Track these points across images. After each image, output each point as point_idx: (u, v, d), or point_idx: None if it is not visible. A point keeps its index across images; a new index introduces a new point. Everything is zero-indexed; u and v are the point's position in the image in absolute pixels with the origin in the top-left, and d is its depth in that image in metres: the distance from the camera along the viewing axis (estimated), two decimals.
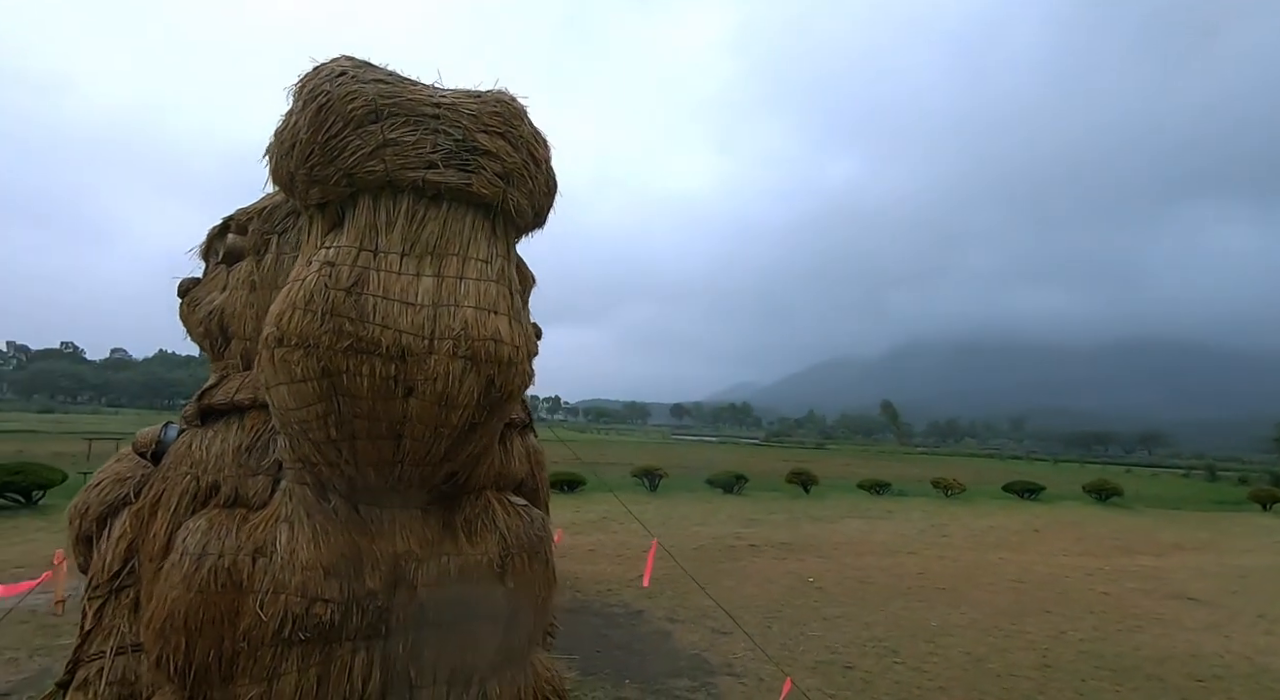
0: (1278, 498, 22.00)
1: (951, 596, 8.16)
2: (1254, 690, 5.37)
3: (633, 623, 6.52)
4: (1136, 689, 5.30)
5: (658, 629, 6.34)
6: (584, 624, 6.38)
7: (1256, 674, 5.75)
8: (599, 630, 6.20)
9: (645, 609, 6.99)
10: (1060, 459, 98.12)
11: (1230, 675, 5.69)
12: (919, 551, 11.26)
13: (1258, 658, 6.21)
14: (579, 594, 7.47)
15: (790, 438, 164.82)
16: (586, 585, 7.87)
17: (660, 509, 14.98)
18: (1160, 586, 9.27)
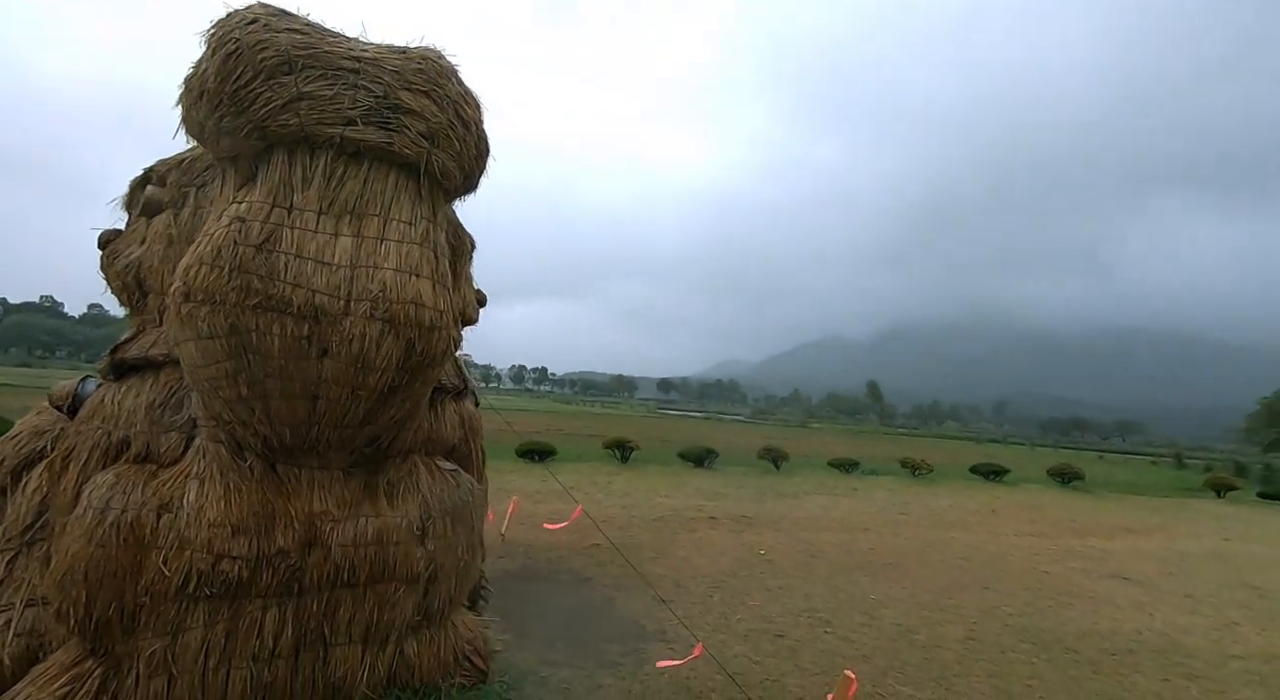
0: (1233, 486, 22.62)
1: (896, 572, 8.37)
2: (1160, 664, 5.60)
3: (578, 589, 6.64)
4: (1050, 660, 5.51)
5: (602, 596, 6.47)
6: (529, 589, 6.49)
7: (1168, 649, 5.99)
8: (542, 595, 6.32)
9: (594, 577, 7.11)
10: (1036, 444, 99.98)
11: (1143, 650, 5.92)
12: (875, 528, 11.50)
13: (1173, 635, 6.45)
14: (530, 559, 7.59)
15: (774, 416, 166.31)
16: (539, 551, 7.98)
17: (629, 480, 15.14)
18: (1100, 567, 9.56)
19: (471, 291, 5.06)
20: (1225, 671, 5.57)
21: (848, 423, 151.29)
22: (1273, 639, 6.61)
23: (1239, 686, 5.26)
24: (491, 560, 7.25)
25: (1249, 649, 6.23)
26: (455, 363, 4.83)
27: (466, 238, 4.83)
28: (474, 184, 4.20)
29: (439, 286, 3.71)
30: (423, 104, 3.51)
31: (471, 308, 4.94)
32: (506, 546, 8.04)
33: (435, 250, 3.79)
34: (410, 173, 3.65)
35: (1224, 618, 7.26)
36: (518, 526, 9.21)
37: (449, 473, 4.19)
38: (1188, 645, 6.20)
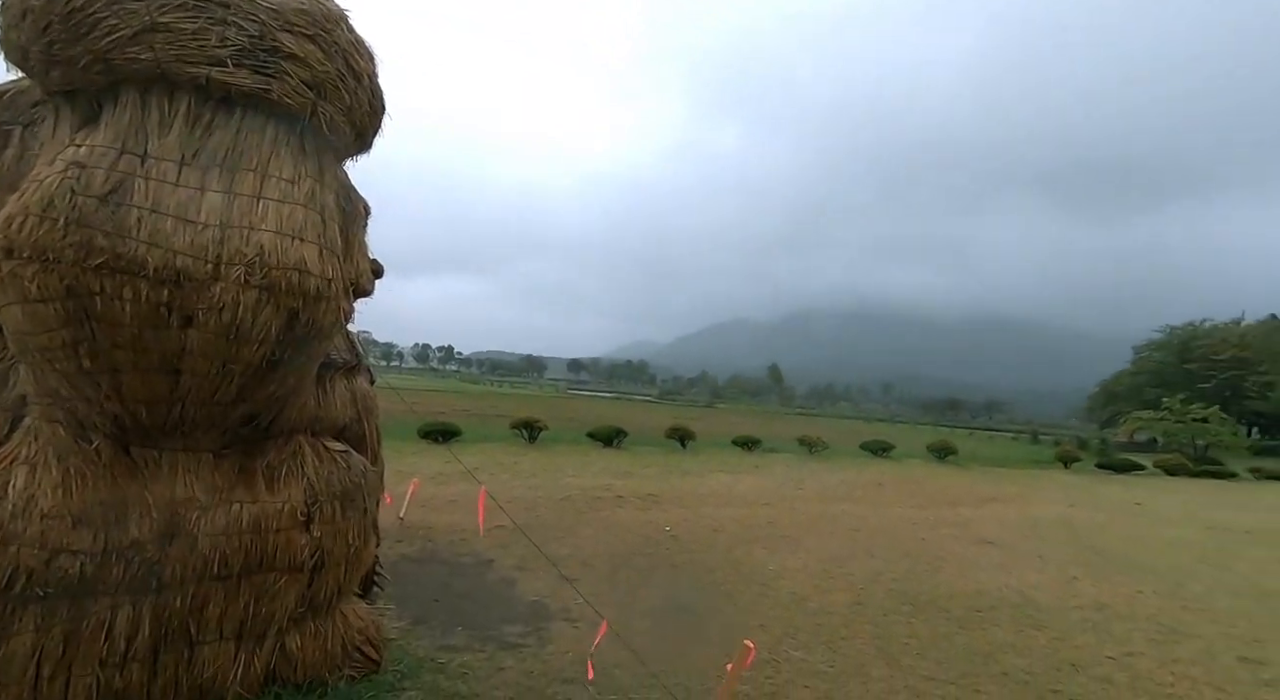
0: (1077, 458, 25.65)
1: (793, 543, 8.80)
2: (1015, 617, 6.25)
3: (479, 571, 6.48)
4: (926, 620, 5.99)
5: (503, 577, 6.35)
6: (428, 573, 6.26)
7: (1022, 604, 6.70)
8: (442, 579, 6.11)
9: (496, 558, 6.96)
10: (918, 422, 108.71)
11: (1002, 606, 6.58)
12: (774, 503, 12.05)
13: (1026, 591, 7.22)
14: (430, 543, 7.32)
15: (682, 396, 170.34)
16: (440, 535, 7.72)
17: (536, 461, 14.97)
18: (968, 533, 10.53)
19: (366, 261, 4.71)
20: (1067, 621, 6.29)
21: (751, 403, 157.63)
22: (1104, 590, 7.54)
23: (1077, 633, 5.96)
24: (388, 545, 6.94)
25: (1085, 600, 7.07)
26: (346, 336, 4.50)
27: (360, 202, 4.47)
28: (367, 143, 3.88)
29: (326, 253, 3.41)
30: (307, 49, 3.17)
31: (365, 278, 4.60)
32: (405, 530, 7.71)
33: (322, 213, 3.48)
34: (292, 126, 3.31)
35: (1067, 574, 8.20)
36: (418, 509, 8.86)
37: (339, 454, 3.91)
38: (1038, 599, 6.95)
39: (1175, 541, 11.32)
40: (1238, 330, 64.66)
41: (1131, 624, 6.35)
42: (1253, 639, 6.20)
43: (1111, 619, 6.47)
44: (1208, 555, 10.25)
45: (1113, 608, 6.86)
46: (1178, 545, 10.95)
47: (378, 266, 5.00)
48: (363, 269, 4.60)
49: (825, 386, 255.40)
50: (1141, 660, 5.40)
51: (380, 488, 4.59)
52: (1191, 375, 58.35)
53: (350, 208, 4.21)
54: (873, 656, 5.06)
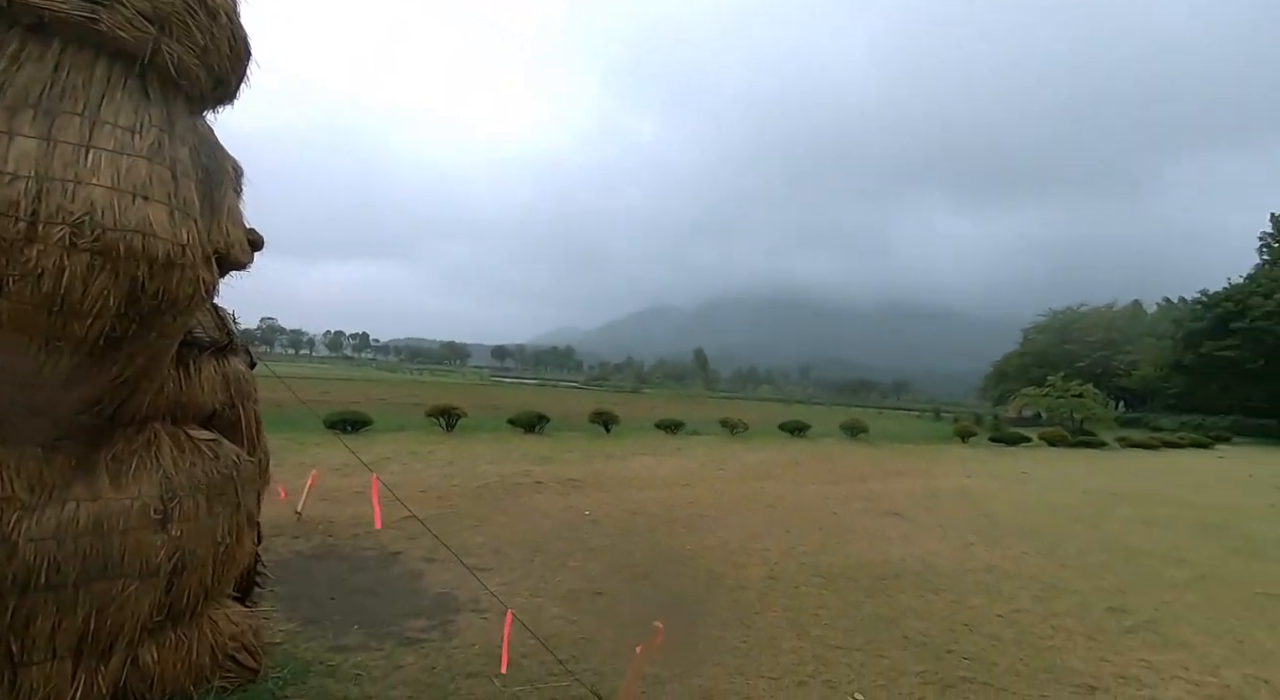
0: (973, 433, 27.61)
1: (712, 523, 8.90)
2: (917, 583, 6.56)
3: (383, 565, 6.11)
4: (836, 591, 6.18)
5: (410, 570, 6.02)
6: (325, 570, 5.84)
7: (923, 571, 7.05)
8: (340, 575, 5.72)
9: (403, 550, 6.61)
10: (833, 403, 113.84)
11: (905, 574, 6.90)
12: (694, 484, 12.18)
13: (928, 558, 7.61)
14: (330, 538, 6.85)
15: (608, 382, 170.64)
16: (342, 528, 7.25)
17: (454, 449, 14.45)
18: (877, 506, 11.03)
19: (239, 229, 4.23)
20: (963, 584, 6.66)
21: (676, 388, 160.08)
22: (996, 554, 8.07)
23: (971, 594, 6.32)
24: (282, 542, 6.46)
25: (979, 564, 7.53)
26: (216, 313, 4.04)
27: (229, 162, 4.00)
28: (229, 92, 3.44)
29: (179, 214, 2.99)
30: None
31: (239, 248, 4.13)
32: (303, 525, 7.19)
33: (173, 168, 3.04)
34: (130, 65, 2.86)
35: (963, 541, 8.73)
36: (320, 503, 8.33)
37: (205, 443, 3.49)
38: (938, 565, 7.34)
39: (1056, 506, 12.32)
40: (1108, 314, 71.63)
41: (1018, 583, 6.81)
42: (1118, 590, 6.79)
43: (1001, 579, 6.92)
44: (1082, 517, 11.21)
45: (1002, 569, 7.34)
46: (1058, 509, 11.92)
47: (255, 236, 4.51)
48: (235, 238, 4.13)
49: (748, 370, 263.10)
50: (1026, 616, 5.79)
51: (262, 480, 4.18)
52: (1070, 355, 64.17)
53: (214, 165, 3.75)
54: (784, 629, 5.15)
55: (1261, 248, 53.69)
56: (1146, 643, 5.31)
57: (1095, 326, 67.62)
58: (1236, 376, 43.10)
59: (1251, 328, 41.41)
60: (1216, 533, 10.56)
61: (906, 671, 4.45)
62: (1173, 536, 10.02)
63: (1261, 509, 13.69)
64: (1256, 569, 8.18)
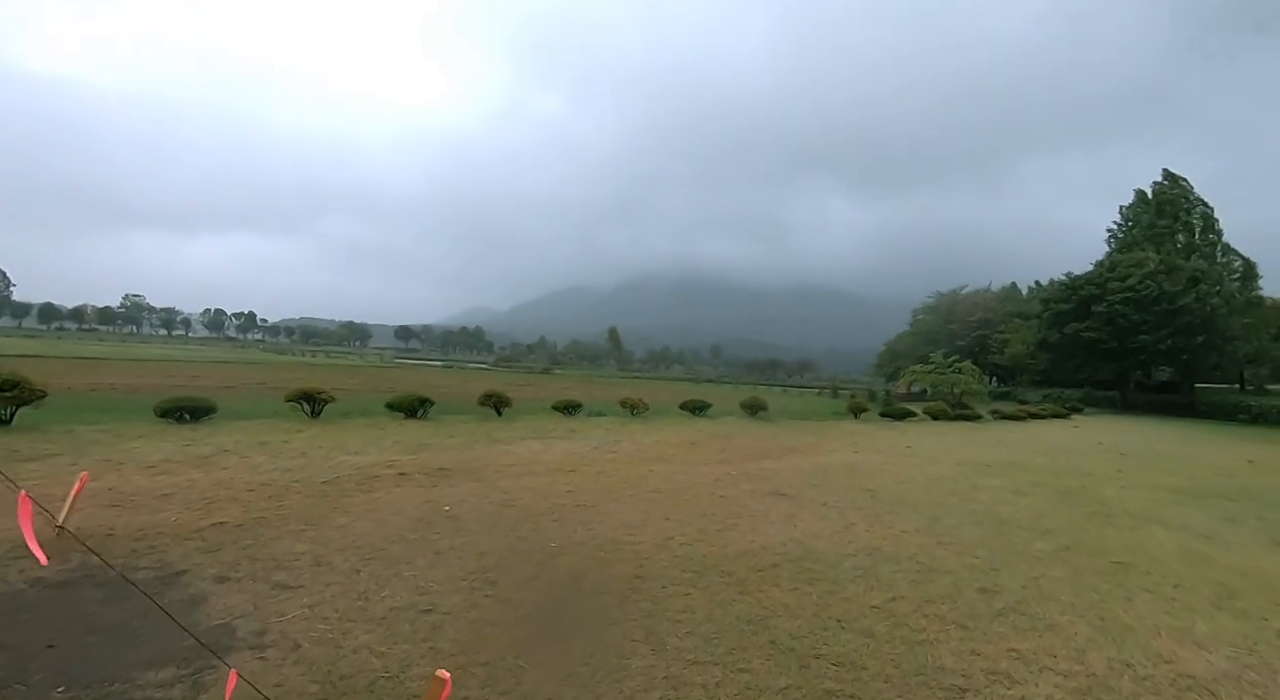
0: (865, 408, 28.66)
1: (587, 513, 8.16)
2: (794, 573, 6.12)
3: (156, 590, 4.88)
4: (706, 587, 5.60)
5: (190, 594, 4.84)
6: (65, 603, 4.56)
7: (803, 557, 6.65)
8: (85, 610, 4.46)
9: (192, 568, 5.38)
10: (742, 382, 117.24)
11: (784, 562, 6.46)
12: (579, 469, 11.42)
13: (808, 541, 7.26)
14: (94, 558, 5.48)
15: (519, 363, 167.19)
16: (119, 543, 5.88)
17: (314, 437, 12.89)
18: (765, 486, 10.74)
19: None
20: (840, 571, 6.30)
21: (589, 368, 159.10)
22: (876, 533, 7.86)
23: (848, 583, 5.95)
24: (22, 565, 5.07)
25: (859, 545, 7.26)
26: None
27: None
28: None
29: None
30: None
31: None
32: (62, 542, 5.75)
33: None
34: None
35: (845, 520, 8.51)
36: (108, 510, 6.88)
37: None
38: (817, 550, 6.98)
39: (935, 478, 12.60)
40: (987, 296, 77.48)
41: (895, 566, 6.54)
42: (990, 568, 6.68)
43: (880, 563, 6.63)
44: (959, 489, 11.46)
45: (881, 551, 7.09)
46: (936, 482, 12.17)
47: None
48: None
49: (660, 350, 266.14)
50: (901, 605, 5.45)
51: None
52: (953, 334, 68.94)
53: None
54: (639, 642, 4.47)
55: (1109, 238, 59.57)
56: (1017, 628, 5.07)
57: (975, 307, 73.01)
58: (1092, 354, 47.67)
59: (1109, 311, 45.74)
60: (1075, 499, 11.08)
61: (767, 689, 3.88)
62: (1038, 504, 10.36)
63: (1111, 474, 14.74)
64: (1111, 537, 8.47)
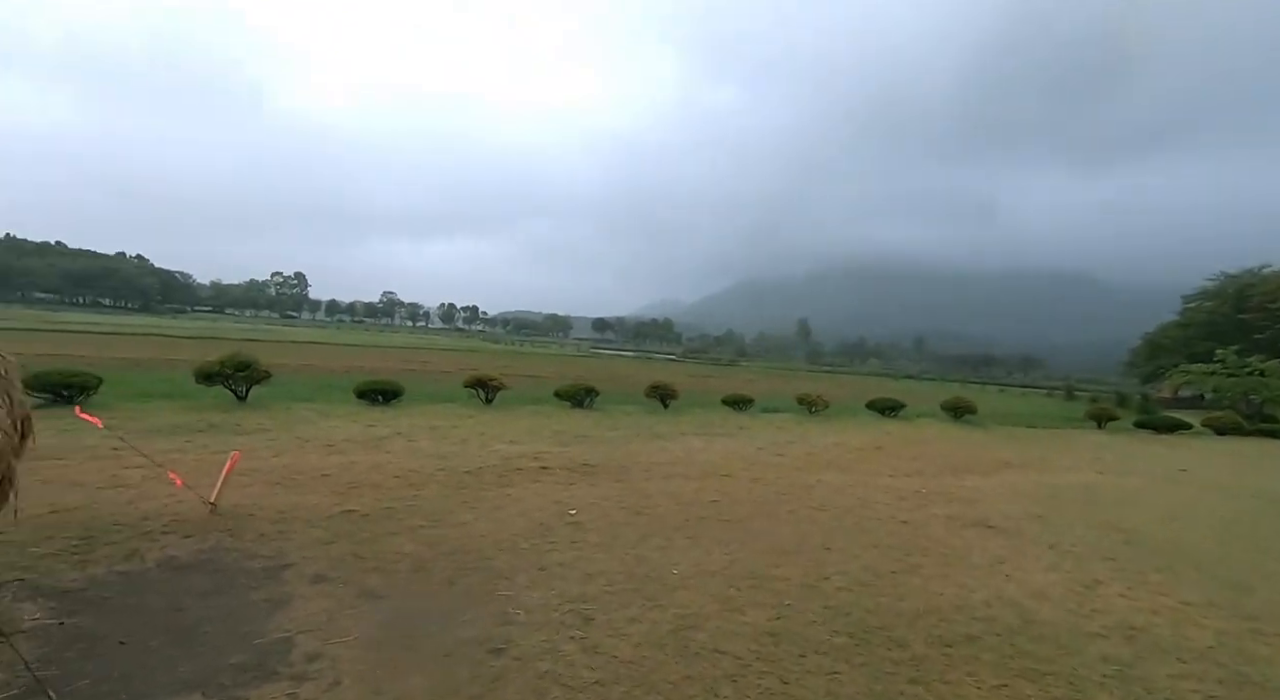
0: (1113, 416, 23.08)
1: (729, 530, 6.92)
2: (1003, 655, 4.28)
3: (254, 584, 4.73)
4: (864, 663, 4.08)
5: (282, 594, 4.58)
6: (172, 589, 4.53)
7: (1017, 629, 4.73)
8: (178, 602, 4.36)
9: (299, 562, 5.21)
10: (948, 379, 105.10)
11: (988, 634, 4.62)
12: (735, 473, 10.15)
13: (1027, 604, 5.24)
14: (228, 539, 5.59)
15: (706, 354, 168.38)
16: (256, 525, 5.99)
17: (480, 424, 13.27)
18: (967, 511, 8.51)
19: None
20: (1080, 660, 4.32)
21: (776, 361, 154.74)
22: (1138, 602, 5.53)
23: (1093, 686, 4.00)
24: (168, 541, 5.26)
25: (1110, 620, 5.07)
26: None
27: None
28: None
29: None
30: None
31: None
32: (211, 521, 6.01)
33: None
34: None
35: (1086, 574, 6.19)
36: (265, 487, 7.23)
37: None
38: (1041, 618, 4.98)
39: (1230, 519, 9.15)
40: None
41: (1178, 666, 4.35)
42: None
43: (1146, 656, 4.47)
44: (1273, 542, 8.08)
45: (1149, 633, 4.86)
46: (1234, 525, 8.78)
47: None
48: None
49: (855, 343, 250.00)
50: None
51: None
52: (1244, 326, 53.92)
53: None
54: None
55: None
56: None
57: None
58: None
59: None
60: None
61: None
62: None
63: None
64: None
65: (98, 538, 5.38)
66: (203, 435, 10.11)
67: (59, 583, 4.50)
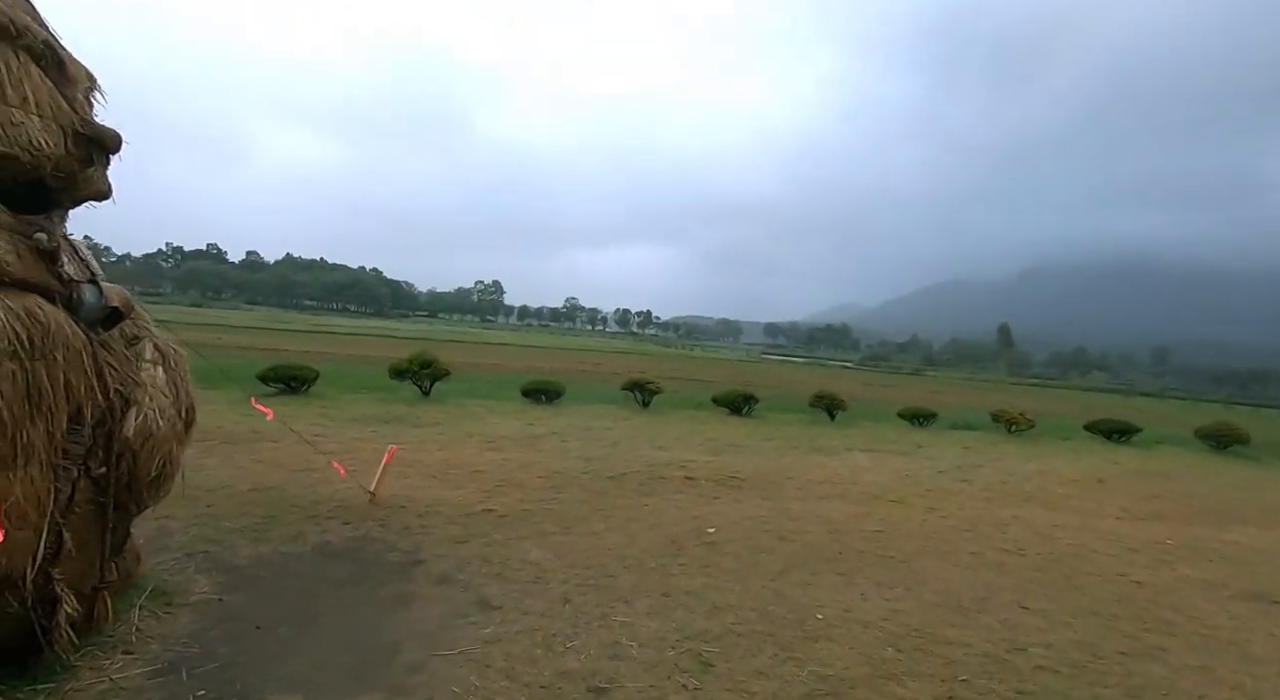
0: None
1: (892, 571, 5.87)
2: None
3: (388, 578, 4.85)
4: None
5: (406, 591, 4.63)
6: (317, 576, 4.79)
7: None
8: (318, 588, 4.58)
9: (432, 559, 5.29)
10: (1203, 398, 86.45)
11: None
12: (907, 500, 8.81)
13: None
14: (379, 529, 5.89)
15: (887, 362, 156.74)
16: (407, 517, 6.28)
17: (633, 427, 13.20)
18: (1237, 577, 6.43)
19: (43, 114, 3.10)
20: None
21: (970, 371, 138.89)
22: None
23: None
24: (327, 527, 5.68)
25: None
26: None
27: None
28: None
29: None
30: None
31: (33, 133, 3.00)
32: (369, 509, 6.41)
33: None
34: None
35: None
36: (424, 480, 7.66)
37: None
38: None
39: None
40: None
41: None
42: None
43: None
44: None
45: None
46: None
47: (105, 133, 3.41)
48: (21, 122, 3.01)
49: (1072, 352, 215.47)
50: None
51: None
52: None
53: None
54: None
55: None
56: None
57: None
58: None
59: None
60: None
61: None
62: None
63: None
64: None
65: (276, 517, 5.96)
66: (387, 426, 11.17)
67: (233, 558, 4.97)
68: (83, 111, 3.30)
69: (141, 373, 3.73)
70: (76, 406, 3.20)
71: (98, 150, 3.35)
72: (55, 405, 3.04)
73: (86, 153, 3.30)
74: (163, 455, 3.73)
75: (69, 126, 3.20)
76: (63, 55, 3.25)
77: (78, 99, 3.31)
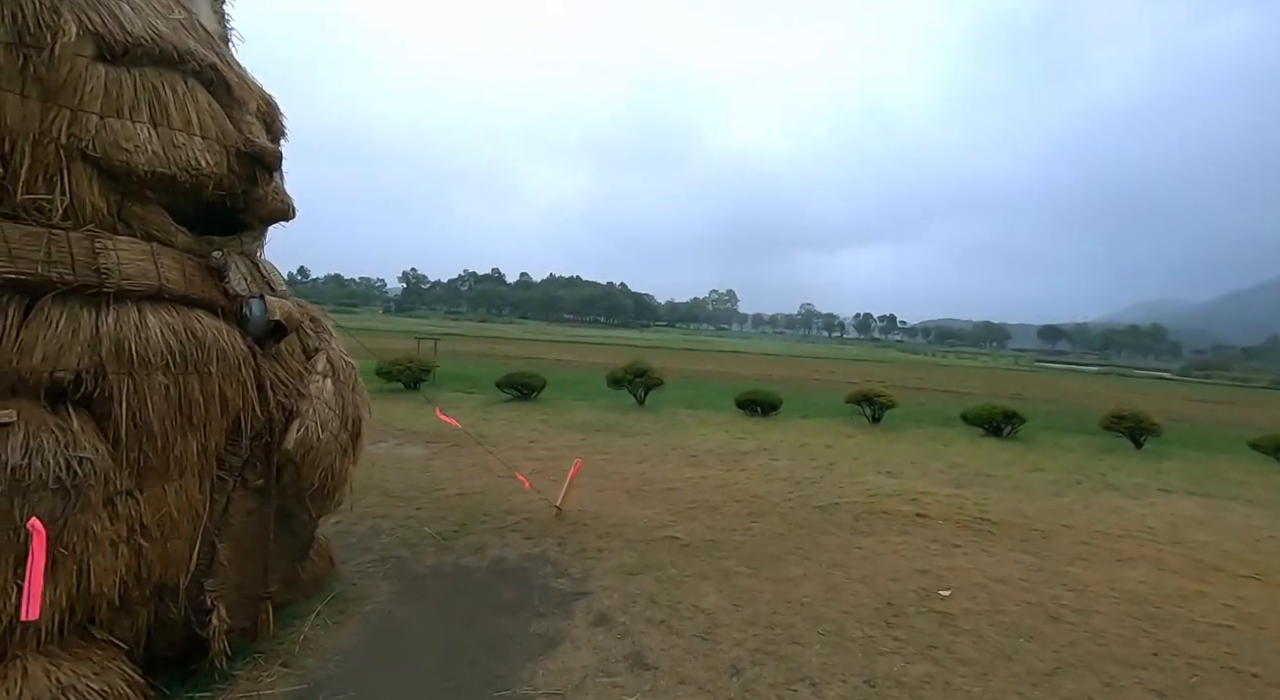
0: None
1: (1241, 691, 3.79)
2: None
3: (544, 611, 4.47)
4: None
5: (557, 631, 4.19)
6: (474, 597, 4.62)
7: None
8: (476, 612, 4.37)
9: (596, 592, 4.81)
10: None
11: None
12: (1272, 575, 5.99)
13: None
14: (555, 549, 5.63)
15: (1223, 372, 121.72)
16: (582, 537, 5.94)
17: (860, 445, 11.53)
18: None
19: (209, 136, 3.25)
20: None
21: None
22: None
23: None
24: (510, 542, 5.64)
25: None
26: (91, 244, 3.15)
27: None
28: None
29: None
30: None
31: (194, 153, 3.15)
32: (554, 525, 6.23)
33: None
34: None
35: None
36: (619, 495, 7.39)
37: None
38: None
39: None
40: None
41: None
42: None
43: None
44: None
45: None
46: None
47: (265, 151, 3.53)
48: (174, 142, 3.17)
49: None
50: None
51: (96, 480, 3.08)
52: None
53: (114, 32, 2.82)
54: None
55: None
56: None
57: None
58: None
59: None
60: None
61: None
62: None
63: None
64: None
65: (468, 526, 6.08)
66: (598, 434, 11.32)
67: (416, 567, 5.08)
68: (248, 131, 3.44)
69: (310, 385, 3.83)
70: (234, 419, 3.31)
71: (261, 168, 3.47)
72: (209, 418, 3.15)
73: (250, 171, 3.43)
74: (324, 468, 3.79)
75: (232, 146, 3.35)
76: (229, 78, 3.42)
77: (245, 120, 3.46)
